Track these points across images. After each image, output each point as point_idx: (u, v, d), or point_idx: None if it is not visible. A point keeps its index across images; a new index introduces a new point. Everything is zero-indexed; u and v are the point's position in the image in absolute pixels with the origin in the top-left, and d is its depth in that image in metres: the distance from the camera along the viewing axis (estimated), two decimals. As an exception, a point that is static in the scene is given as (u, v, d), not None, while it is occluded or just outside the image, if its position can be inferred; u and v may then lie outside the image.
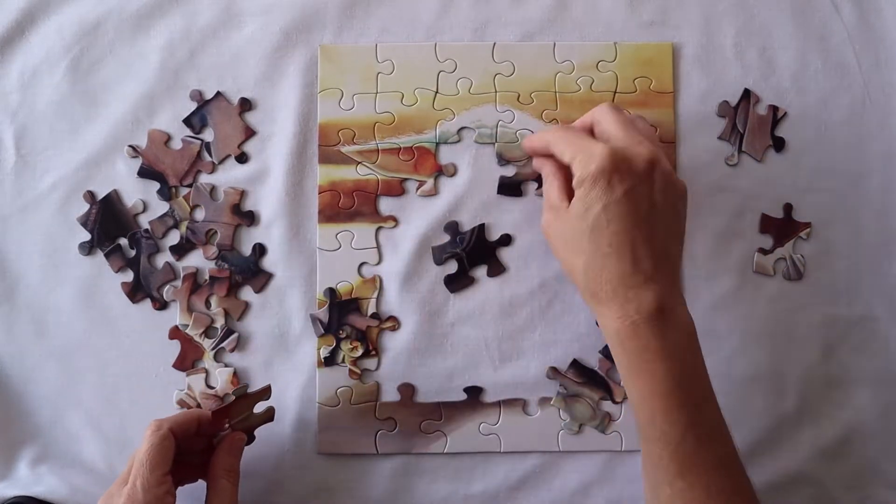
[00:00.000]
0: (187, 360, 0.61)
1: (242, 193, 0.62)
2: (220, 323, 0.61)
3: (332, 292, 0.61)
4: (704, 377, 0.51)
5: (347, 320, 0.61)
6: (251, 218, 0.62)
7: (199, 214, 0.62)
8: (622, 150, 0.50)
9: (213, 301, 0.61)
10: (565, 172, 0.54)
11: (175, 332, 0.61)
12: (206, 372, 0.61)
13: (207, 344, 0.61)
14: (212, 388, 0.61)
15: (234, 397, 0.55)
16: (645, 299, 0.49)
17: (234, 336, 0.61)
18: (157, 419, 0.53)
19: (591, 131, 0.55)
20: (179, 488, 0.54)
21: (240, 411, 0.56)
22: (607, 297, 0.50)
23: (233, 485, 0.55)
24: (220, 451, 0.55)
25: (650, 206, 0.51)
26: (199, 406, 0.61)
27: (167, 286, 0.61)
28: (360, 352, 0.61)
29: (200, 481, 0.55)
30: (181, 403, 0.61)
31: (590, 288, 0.51)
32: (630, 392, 0.51)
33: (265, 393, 0.57)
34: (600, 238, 0.50)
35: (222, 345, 0.61)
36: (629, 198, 0.50)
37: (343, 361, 0.61)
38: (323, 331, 0.61)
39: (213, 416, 0.55)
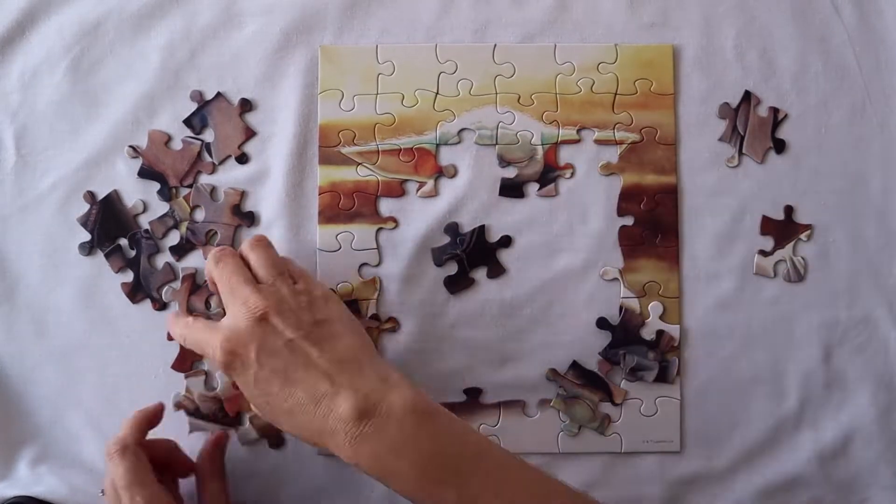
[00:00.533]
0: (186, 362, 0.61)
1: (242, 194, 0.62)
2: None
3: None
4: (457, 439, 0.48)
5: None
6: (251, 219, 0.62)
7: (199, 215, 0.62)
8: (231, 326, 0.50)
9: (213, 302, 0.61)
10: None
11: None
12: (206, 374, 0.61)
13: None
14: (212, 389, 0.61)
15: None
16: (338, 406, 0.47)
17: None
18: (115, 440, 0.52)
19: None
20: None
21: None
22: (308, 432, 0.48)
23: (223, 483, 0.56)
24: (203, 455, 0.56)
25: (289, 340, 0.49)
26: (197, 408, 0.61)
27: (166, 287, 0.61)
28: None
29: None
30: (179, 406, 0.61)
31: (293, 431, 0.50)
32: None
33: None
34: (273, 399, 0.49)
35: None
36: (265, 354, 0.49)
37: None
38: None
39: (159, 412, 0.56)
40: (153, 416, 0.56)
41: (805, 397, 0.62)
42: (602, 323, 0.62)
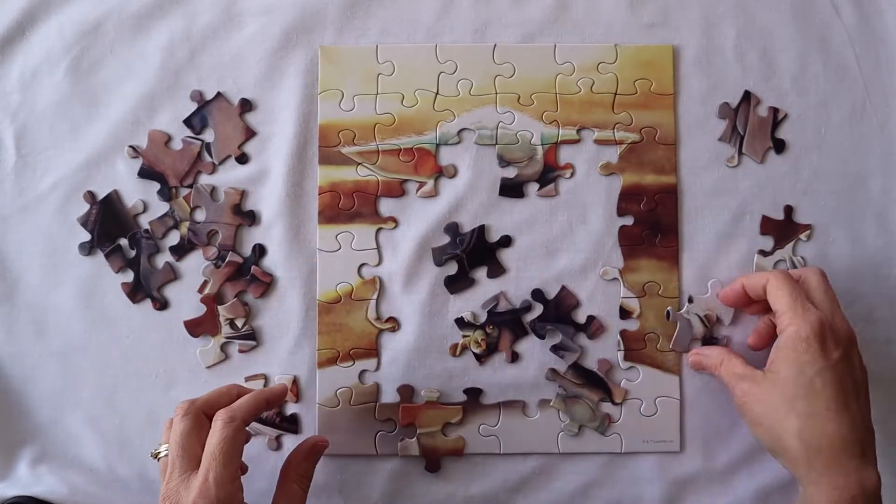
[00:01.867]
0: (201, 327, 0.61)
1: (243, 193, 0.62)
2: (241, 322, 0.61)
3: None
4: None
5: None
6: (252, 218, 0.62)
7: (200, 215, 0.62)
8: (831, 320, 0.52)
9: (245, 298, 0.61)
10: (737, 353, 0.57)
11: (209, 300, 0.61)
12: (265, 378, 0.61)
13: (225, 330, 0.61)
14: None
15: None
16: (868, 477, 0.50)
17: (252, 343, 0.61)
18: (229, 407, 0.51)
19: (762, 288, 0.56)
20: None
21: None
22: (824, 466, 0.50)
23: (303, 491, 0.53)
24: (296, 455, 0.54)
25: (855, 381, 0.52)
26: None
27: (203, 266, 0.61)
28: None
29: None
30: None
31: (806, 453, 0.51)
32: None
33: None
34: (818, 401, 0.50)
35: (237, 341, 0.61)
36: (842, 365, 0.51)
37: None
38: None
39: (283, 395, 0.56)
40: (269, 400, 0.54)
41: (805, 397, 0.62)
42: (537, 295, 0.62)
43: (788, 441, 0.51)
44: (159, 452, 0.53)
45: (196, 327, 0.61)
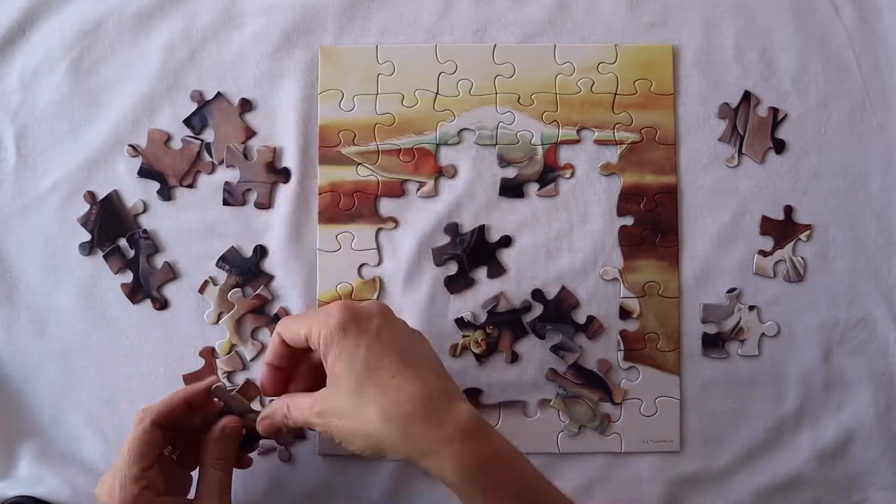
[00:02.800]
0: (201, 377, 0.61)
1: (275, 151, 0.62)
2: (238, 376, 0.62)
3: None
4: (544, 485, 0.49)
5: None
6: (287, 175, 0.62)
7: (234, 175, 0.62)
8: (351, 303, 0.50)
9: (259, 335, 0.61)
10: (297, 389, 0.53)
11: (207, 353, 0.61)
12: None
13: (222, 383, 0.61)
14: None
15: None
16: (460, 411, 0.47)
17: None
18: (144, 408, 0.51)
19: (290, 355, 0.53)
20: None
21: (240, 404, 0.54)
22: (422, 434, 0.46)
23: (224, 474, 0.52)
24: (209, 439, 0.53)
25: (406, 339, 0.50)
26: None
27: (232, 292, 0.61)
28: None
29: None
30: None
31: (399, 430, 0.46)
32: None
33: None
34: (381, 375, 0.47)
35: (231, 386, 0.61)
36: (385, 331, 0.49)
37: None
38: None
39: (204, 392, 0.53)
40: (188, 399, 0.53)
41: (805, 397, 0.62)
42: (537, 295, 0.62)
43: (379, 430, 0.46)
44: None
45: (193, 381, 0.61)
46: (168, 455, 0.52)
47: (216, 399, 0.54)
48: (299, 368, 0.54)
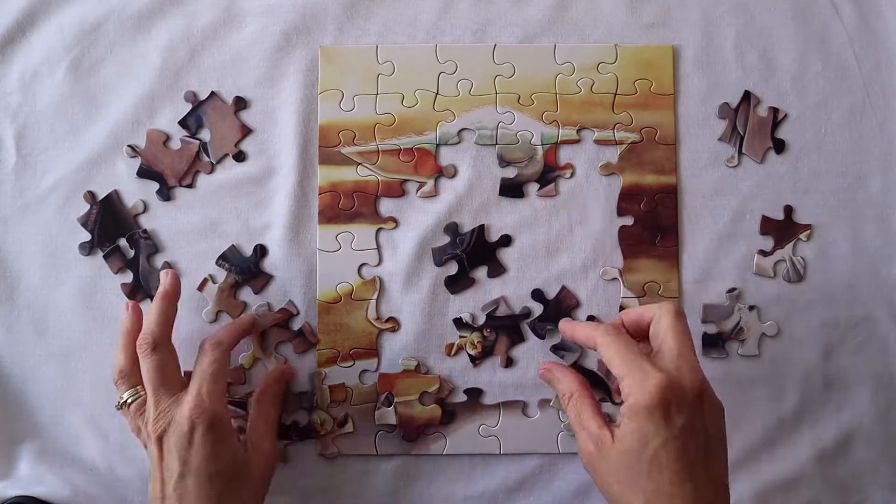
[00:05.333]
0: None
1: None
2: (237, 389, 0.62)
3: None
4: None
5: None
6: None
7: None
8: (676, 380, 0.48)
9: (282, 349, 0.62)
10: (591, 393, 0.54)
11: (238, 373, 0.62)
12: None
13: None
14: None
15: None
16: None
17: (241, 412, 0.60)
18: (213, 336, 0.56)
19: (646, 324, 0.52)
20: None
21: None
22: None
23: (277, 413, 0.59)
24: (268, 378, 0.59)
25: (705, 438, 0.48)
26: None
27: (258, 305, 0.62)
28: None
29: None
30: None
31: None
32: None
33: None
34: (661, 476, 0.47)
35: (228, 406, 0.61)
36: (687, 432, 0.47)
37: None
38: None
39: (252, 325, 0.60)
40: (245, 330, 0.60)
41: (805, 397, 0.62)
42: (537, 295, 0.62)
43: None
44: (126, 401, 0.55)
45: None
46: None
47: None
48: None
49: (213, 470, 0.51)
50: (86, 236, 0.62)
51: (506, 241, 0.62)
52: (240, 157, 0.62)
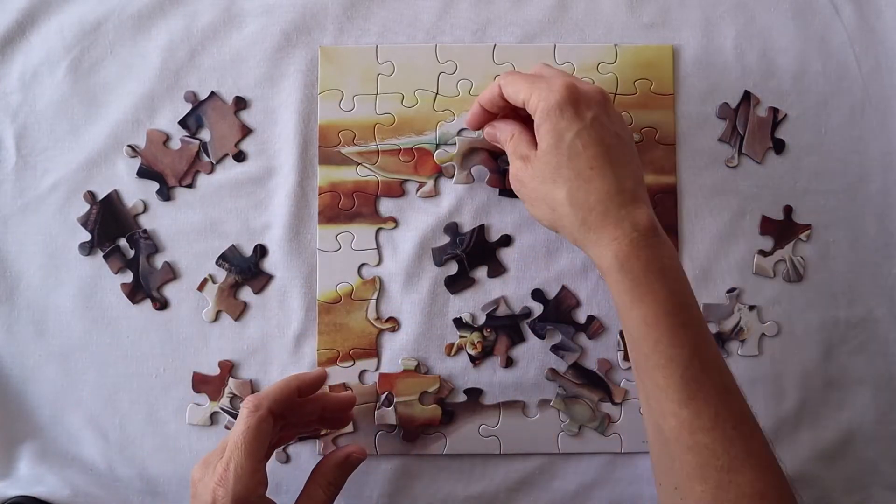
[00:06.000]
0: (205, 386, 0.61)
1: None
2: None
3: None
4: (696, 302, 0.50)
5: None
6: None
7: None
8: (577, 83, 0.51)
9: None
10: (530, 130, 0.54)
11: (226, 366, 0.61)
12: (251, 383, 0.62)
13: (224, 402, 0.61)
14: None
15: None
16: (639, 216, 0.49)
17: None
18: (255, 395, 0.50)
19: (503, 105, 0.55)
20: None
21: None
22: (598, 222, 0.50)
23: (328, 497, 0.52)
24: (328, 460, 0.53)
25: (615, 135, 0.51)
26: None
27: None
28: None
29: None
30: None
31: (578, 216, 0.50)
32: (630, 321, 0.49)
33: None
34: (580, 162, 0.50)
35: (228, 417, 0.61)
36: (597, 124, 0.51)
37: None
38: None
39: (316, 382, 0.55)
40: (301, 386, 0.54)
41: (805, 397, 0.62)
42: (537, 295, 0.62)
43: (561, 210, 0.51)
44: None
45: (201, 384, 0.61)
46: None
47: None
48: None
49: None
50: (86, 236, 0.62)
51: (506, 241, 0.62)
52: (240, 157, 0.62)
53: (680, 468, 0.47)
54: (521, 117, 0.55)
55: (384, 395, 0.61)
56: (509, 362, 0.61)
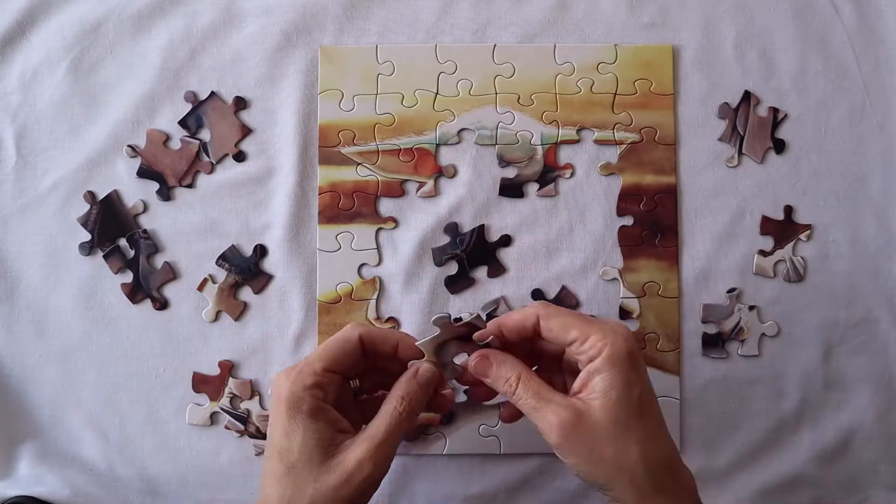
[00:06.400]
0: (205, 386, 0.61)
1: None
2: (241, 403, 0.62)
3: None
4: None
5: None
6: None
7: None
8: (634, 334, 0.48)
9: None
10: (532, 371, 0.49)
11: (226, 366, 0.61)
12: (260, 395, 0.62)
13: (224, 402, 0.61)
14: (265, 409, 0.61)
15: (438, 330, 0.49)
16: (690, 478, 0.47)
17: (241, 427, 0.61)
18: (356, 322, 0.50)
19: (531, 334, 0.49)
20: None
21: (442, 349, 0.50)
22: (671, 484, 0.46)
23: (401, 413, 0.47)
24: (404, 376, 0.49)
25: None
26: (258, 429, 0.61)
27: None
28: None
29: None
30: (241, 433, 0.61)
31: (652, 478, 0.45)
32: None
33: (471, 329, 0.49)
34: (649, 421, 0.46)
35: (228, 417, 0.61)
36: (649, 380, 0.47)
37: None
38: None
39: (412, 346, 0.49)
40: (400, 343, 0.49)
41: (805, 397, 0.62)
42: (537, 295, 0.62)
43: (633, 471, 0.45)
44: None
45: (201, 384, 0.61)
46: (350, 385, 0.50)
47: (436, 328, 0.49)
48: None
49: (283, 446, 0.45)
50: (86, 236, 0.62)
51: (506, 241, 0.62)
52: (240, 157, 0.62)
53: None
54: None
55: None
56: None
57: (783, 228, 0.63)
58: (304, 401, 0.46)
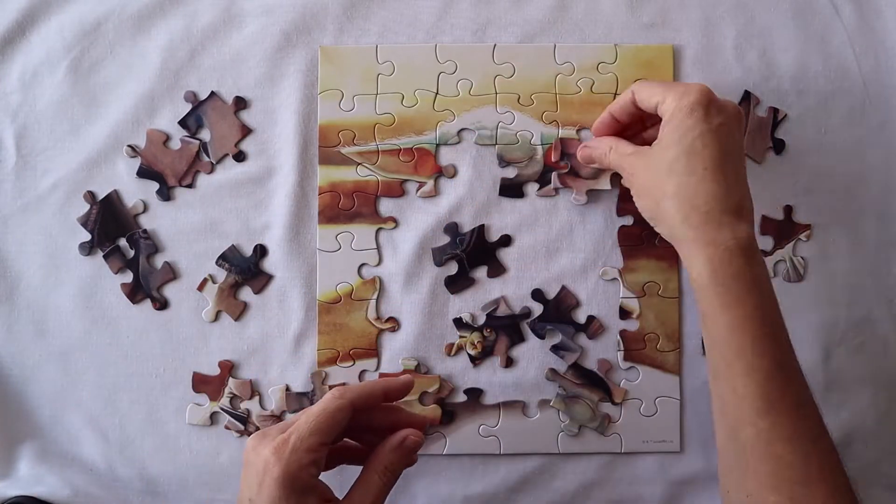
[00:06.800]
0: (205, 386, 0.61)
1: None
2: (241, 403, 0.62)
3: None
4: (783, 320, 0.51)
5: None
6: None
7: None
8: (710, 91, 0.52)
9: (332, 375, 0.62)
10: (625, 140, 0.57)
11: (226, 366, 0.61)
12: (260, 395, 0.61)
13: (224, 402, 0.61)
14: (265, 409, 0.61)
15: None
16: (740, 228, 0.50)
17: (241, 427, 0.61)
18: (344, 387, 0.50)
19: (633, 113, 0.57)
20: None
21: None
22: (699, 221, 0.50)
23: (384, 485, 0.49)
24: (386, 445, 0.50)
25: (738, 147, 0.52)
26: (258, 429, 0.59)
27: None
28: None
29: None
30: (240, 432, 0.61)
31: (682, 211, 0.50)
32: (716, 326, 0.49)
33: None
34: (695, 161, 0.50)
35: (228, 417, 0.61)
36: (723, 131, 0.51)
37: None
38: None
39: (403, 389, 0.52)
40: (388, 391, 0.52)
41: (805, 397, 0.62)
42: (537, 295, 0.62)
43: (666, 203, 0.51)
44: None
45: (201, 384, 0.61)
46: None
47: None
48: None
49: None
50: (86, 236, 0.62)
51: (506, 241, 0.62)
52: (240, 157, 0.62)
53: (754, 477, 0.48)
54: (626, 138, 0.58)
55: None
56: (509, 362, 0.61)
57: (783, 228, 0.63)
58: (300, 480, 0.46)
